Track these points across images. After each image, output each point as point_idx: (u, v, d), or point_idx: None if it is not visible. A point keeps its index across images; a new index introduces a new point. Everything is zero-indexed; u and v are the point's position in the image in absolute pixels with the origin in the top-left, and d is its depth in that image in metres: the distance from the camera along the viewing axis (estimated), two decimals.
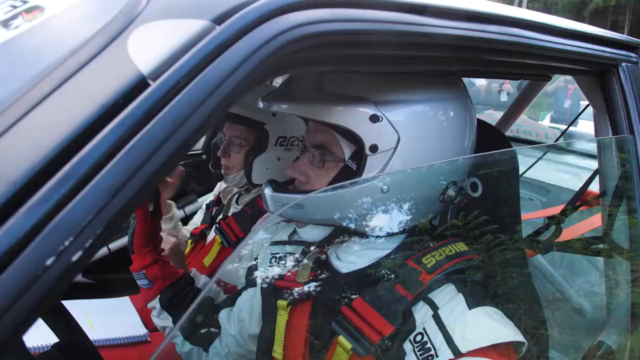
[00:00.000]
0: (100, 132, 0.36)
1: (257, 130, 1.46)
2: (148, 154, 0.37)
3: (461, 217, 0.88)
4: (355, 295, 0.82)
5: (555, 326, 1.71)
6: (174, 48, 0.41)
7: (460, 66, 0.75)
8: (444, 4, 0.64)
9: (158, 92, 0.39)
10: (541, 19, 0.84)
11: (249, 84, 0.47)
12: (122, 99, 0.38)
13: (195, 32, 0.43)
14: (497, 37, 0.72)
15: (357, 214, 0.80)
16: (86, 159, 0.35)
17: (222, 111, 0.45)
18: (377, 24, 0.56)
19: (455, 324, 0.73)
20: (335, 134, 0.81)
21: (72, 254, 0.34)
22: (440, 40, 0.62)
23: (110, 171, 0.36)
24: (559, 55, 0.90)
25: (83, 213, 0.34)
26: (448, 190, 0.83)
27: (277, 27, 0.47)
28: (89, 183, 0.35)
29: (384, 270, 0.84)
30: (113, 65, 0.39)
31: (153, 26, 0.42)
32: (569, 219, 1.37)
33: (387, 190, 0.77)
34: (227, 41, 0.43)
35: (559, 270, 1.94)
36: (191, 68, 0.41)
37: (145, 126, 0.38)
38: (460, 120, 0.84)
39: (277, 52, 0.47)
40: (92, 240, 0.34)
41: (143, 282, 1.22)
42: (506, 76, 0.94)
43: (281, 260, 1.04)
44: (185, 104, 0.40)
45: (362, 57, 0.60)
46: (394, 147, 0.77)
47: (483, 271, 0.85)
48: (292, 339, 0.91)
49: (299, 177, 0.86)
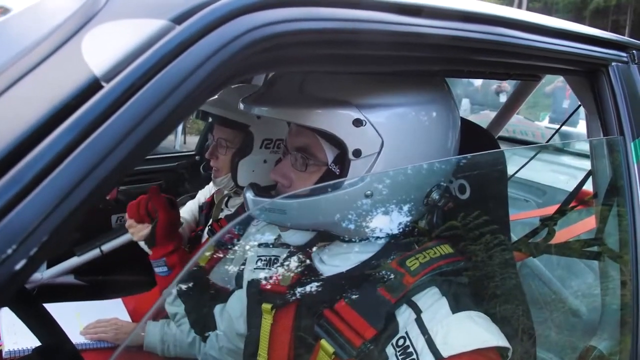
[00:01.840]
0: (49, 136, 0.35)
1: (242, 132, 1.45)
2: (99, 158, 0.36)
3: (447, 219, 0.87)
4: (339, 299, 0.81)
5: (553, 327, 1.70)
6: (130, 48, 0.40)
7: (442, 66, 0.74)
8: (423, 2, 0.63)
9: (111, 93, 0.38)
10: (527, 17, 0.82)
11: (212, 85, 0.46)
12: (74, 101, 0.37)
13: (153, 32, 0.41)
14: (480, 36, 0.71)
15: (340, 218, 0.79)
16: (32, 163, 0.34)
17: (184, 113, 0.44)
18: (350, 23, 0.54)
19: (437, 328, 0.71)
20: (318, 137, 0.79)
21: (16, 262, 0.33)
22: (418, 40, 0.61)
23: (58, 176, 0.35)
24: (546, 55, 0.88)
25: (28, 220, 0.33)
26: (432, 194, 0.81)
27: (240, 27, 0.45)
28: (35, 189, 0.34)
29: (367, 273, 0.83)
30: (66, 67, 0.38)
31: (110, 26, 0.41)
32: (564, 220, 1.36)
33: (371, 195, 0.76)
34: (187, 41, 0.42)
35: (555, 271, 1.93)
36: (148, 69, 0.40)
37: (97, 129, 0.37)
38: (444, 122, 0.82)
39: (241, 52, 0.45)
40: (37, 249, 0.33)
41: (162, 270, 1.34)
42: (491, 76, 0.92)
43: (266, 263, 1.04)
44: (140, 106, 0.39)
45: (337, 57, 0.58)
46: (378, 151, 0.76)
47: (469, 274, 0.84)
48: (276, 343, 0.90)
49: (281, 181, 0.85)
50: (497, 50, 0.78)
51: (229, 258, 1.44)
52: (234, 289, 1.20)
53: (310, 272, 0.89)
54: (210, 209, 1.73)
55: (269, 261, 1.04)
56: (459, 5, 0.69)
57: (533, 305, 1.79)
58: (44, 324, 0.93)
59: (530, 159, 1.53)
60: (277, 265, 1.01)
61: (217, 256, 1.56)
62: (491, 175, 0.92)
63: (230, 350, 1.16)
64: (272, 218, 0.82)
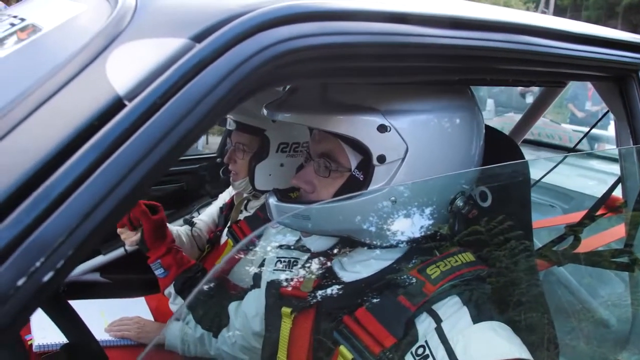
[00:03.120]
0: (74, 155, 0.36)
1: (259, 136, 1.47)
2: (121, 175, 0.37)
3: (469, 227, 0.86)
4: (358, 305, 0.81)
5: (581, 338, 1.65)
6: (152, 67, 0.41)
7: (463, 75, 0.73)
8: (439, 12, 0.62)
9: (134, 112, 0.39)
10: (550, 24, 0.81)
11: (232, 101, 0.47)
12: (97, 121, 0.38)
13: (173, 51, 0.43)
14: (502, 45, 0.70)
15: (363, 224, 0.79)
16: (59, 181, 0.36)
17: (204, 127, 0.45)
18: (367, 36, 0.55)
19: (458, 338, 0.70)
20: (342, 143, 0.79)
21: (44, 274, 0.34)
22: (435, 51, 0.61)
23: (83, 193, 0.36)
24: (572, 62, 0.86)
25: (55, 234, 0.35)
26: (456, 201, 0.81)
27: (258, 44, 0.46)
28: (61, 205, 0.35)
29: (387, 281, 0.82)
30: (90, 87, 0.40)
31: (133, 45, 0.43)
32: (591, 227, 1.32)
33: (395, 201, 0.76)
34: (206, 59, 0.43)
35: (583, 279, 1.88)
36: (168, 87, 0.41)
37: (119, 148, 0.38)
38: (468, 129, 0.82)
39: (259, 68, 0.46)
40: (64, 261, 0.35)
41: (160, 272, 1.38)
42: (515, 84, 0.91)
43: (286, 265, 1.05)
44: (161, 124, 0.40)
45: (354, 70, 0.59)
46: (402, 157, 0.76)
47: (491, 282, 0.83)
48: (295, 347, 0.91)
49: (305, 187, 0.85)
50: (520, 59, 0.76)
51: (248, 258, 1.47)
52: (250, 288, 1.21)
53: (331, 278, 0.90)
54: (230, 211, 1.76)
55: (289, 263, 1.04)
56: (480, 15, 0.69)
57: (560, 315, 1.75)
58: (70, 322, 0.96)
59: (555, 166, 1.50)
60: (297, 268, 1.02)
61: (236, 256, 1.58)
62: (514, 184, 0.91)
63: (243, 347, 1.18)
64: (296, 224, 0.82)
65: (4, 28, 0.53)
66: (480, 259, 0.84)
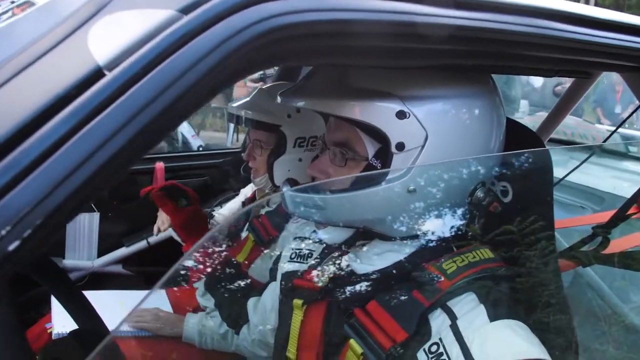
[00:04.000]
0: (47, 123, 0.36)
1: (275, 133, 1.46)
2: (96, 146, 0.36)
3: (490, 222, 0.83)
4: (371, 298, 0.79)
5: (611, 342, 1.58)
6: (135, 38, 0.40)
7: (475, 61, 0.70)
8: None
9: (113, 83, 0.38)
10: (571, 8, 0.76)
11: (222, 76, 0.45)
12: (75, 90, 0.37)
13: (159, 22, 0.41)
14: (514, 28, 0.66)
15: (380, 214, 0.77)
16: (30, 149, 0.35)
17: (192, 104, 0.44)
18: (370, 14, 0.52)
19: (474, 336, 0.68)
20: (358, 130, 0.77)
21: (9, 243, 0.34)
22: (441, 32, 0.57)
23: (55, 162, 0.35)
24: (596, 49, 0.81)
25: (23, 203, 0.34)
26: (476, 192, 0.78)
27: (250, 17, 0.44)
28: (31, 173, 0.35)
29: (401, 274, 0.80)
30: (71, 56, 0.39)
31: (118, 16, 0.42)
32: (623, 228, 1.25)
33: (414, 191, 0.73)
34: (193, 31, 0.42)
35: (614, 282, 1.79)
36: (151, 59, 0.40)
37: (96, 118, 0.37)
38: (488, 119, 0.79)
39: (250, 43, 0.45)
40: (31, 231, 0.34)
41: None
42: (534, 73, 0.86)
43: (301, 257, 1.04)
44: (141, 96, 0.39)
45: (356, 50, 0.56)
46: (422, 145, 0.73)
47: (509, 281, 0.79)
48: (305, 340, 0.89)
49: (319, 177, 0.84)
50: (537, 44, 0.72)
51: (267, 253, 1.47)
52: (269, 282, 1.21)
53: (344, 270, 0.88)
54: None
55: (303, 256, 1.03)
56: None
57: (590, 318, 1.68)
58: (80, 309, 0.97)
59: (584, 161, 1.43)
60: (311, 260, 1.00)
61: (256, 251, 1.59)
62: (534, 179, 0.87)
63: (261, 342, 1.18)
64: (311, 214, 0.80)
65: (4, 6, 0.53)
66: (499, 256, 0.81)
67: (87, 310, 0.99)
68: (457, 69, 0.76)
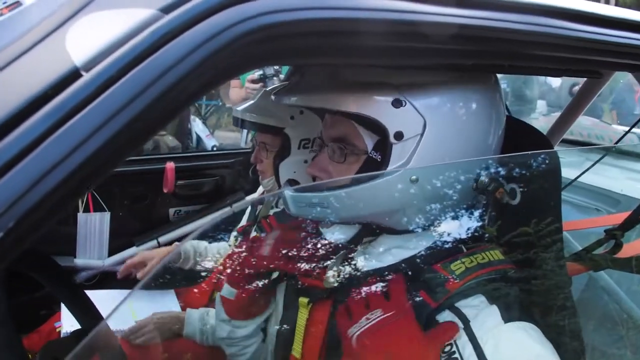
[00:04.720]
0: (22, 124, 0.35)
1: (280, 135, 1.46)
2: (71, 147, 0.36)
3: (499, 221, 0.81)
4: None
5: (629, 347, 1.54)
6: (114, 38, 0.40)
7: (475, 60, 0.68)
8: None
9: (91, 83, 0.38)
10: (576, 5, 0.74)
11: (205, 77, 0.45)
12: (51, 90, 0.37)
13: (139, 22, 0.41)
14: (517, 27, 0.64)
15: (386, 207, 0.75)
16: (4, 150, 0.35)
17: (174, 104, 0.43)
18: (360, 12, 0.51)
19: (487, 337, 0.67)
20: (355, 124, 0.76)
21: None
22: (439, 31, 0.56)
23: (29, 164, 0.35)
24: (605, 49, 0.78)
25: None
26: (481, 177, 0.76)
27: (233, 17, 0.44)
28: (4, 175, 0.34)
29: (408, 273, 0.79)
30: (48, 57, 0.39)
31: (98, 16, 0.41)
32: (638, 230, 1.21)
33: (416, 180, 0.72)
34: (174, 31, 0.41)
35: (632, 286, 1.74)
36: (131, 59, 0.39)
37: (72, 118, 0.36)
38: (487, 113, 0.78)
39: (233, 42, 0.44)
40: (3, 234, 0.34)
41: None
42: (540, 72, 0.84)
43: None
44: (120, 95, 0.38)
45: (347, 49, 0.55)
46: (421, 132, 0.72)
47: (519, 283, 0.77)
48: (310, 338, 0.89)
49: (320, 175, 0.83)
50: (541, 43, 0.70)
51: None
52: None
53: (350, 268, 0.86)
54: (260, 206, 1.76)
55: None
56: None
57: (607, 322, 1.64)
58: (82, 309, 0.98)
59: (597, 161, 1.39)
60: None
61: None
62: (544, 179, 0.84)
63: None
64: (315, 214, 0.78)
65: None
66: (509, 258, 0.79)
67: (90, 310, 0.99)
68: (453, 68, 0.74)
